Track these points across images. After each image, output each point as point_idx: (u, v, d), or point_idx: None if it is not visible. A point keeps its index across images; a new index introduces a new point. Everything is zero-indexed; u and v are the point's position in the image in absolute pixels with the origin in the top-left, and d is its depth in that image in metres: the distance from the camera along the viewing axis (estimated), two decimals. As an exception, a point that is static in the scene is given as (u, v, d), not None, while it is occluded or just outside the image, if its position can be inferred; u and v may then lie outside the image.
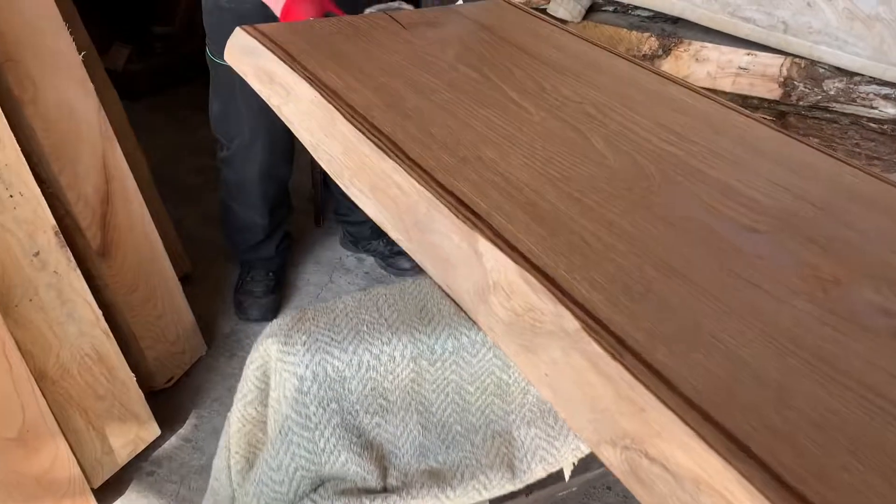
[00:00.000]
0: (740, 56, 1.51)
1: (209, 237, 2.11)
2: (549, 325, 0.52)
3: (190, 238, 2.08)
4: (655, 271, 0.58)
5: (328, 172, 0.84)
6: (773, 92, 1.52)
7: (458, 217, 0.63)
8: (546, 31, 1.14)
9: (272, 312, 1.85)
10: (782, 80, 1.50)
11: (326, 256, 2.09)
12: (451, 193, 0.67)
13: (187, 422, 1.58)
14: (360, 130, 0.77)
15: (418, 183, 0.68)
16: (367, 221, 1.78)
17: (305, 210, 2.23)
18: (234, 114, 1.62)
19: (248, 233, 1.82)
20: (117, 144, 1.45)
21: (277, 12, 1.16)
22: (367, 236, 2.03)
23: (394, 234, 0.72)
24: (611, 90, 0.94)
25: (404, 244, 0.71)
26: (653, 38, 1.59)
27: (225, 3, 1.48)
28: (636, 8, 1.70)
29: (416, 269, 1.87)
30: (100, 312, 1.35)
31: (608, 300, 0.53)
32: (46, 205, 1.24)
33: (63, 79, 1.33)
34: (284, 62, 0.92)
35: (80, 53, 1.35)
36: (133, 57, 2.94)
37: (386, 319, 1.00)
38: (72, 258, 1.30)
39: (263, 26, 1.05)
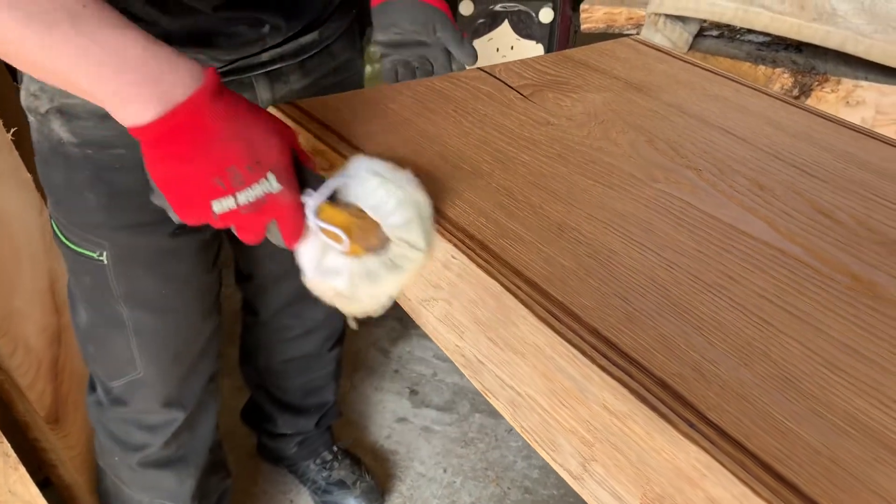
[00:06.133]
0: (913, 97, 1.14)
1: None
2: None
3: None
4: None
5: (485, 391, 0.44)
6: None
7: None
8: (718, 90, 0.74)
9: None
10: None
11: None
12: None
13: None
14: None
15: None
16: (294, 435, 1.25)
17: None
18: (117, 335, 0.82)
19: None
20: (69, 256, 0.99)
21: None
22: (290, 454, 1.29)
23: None
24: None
25: None
26: (786, 75, 1.22)
27: (69, 144, 0.71)
28: (747, 32, 1.33)
29: None
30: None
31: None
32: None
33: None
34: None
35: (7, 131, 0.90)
36: None
37: None
38: (9, 450, 0.84)
39: (313, 101, 0.63)
